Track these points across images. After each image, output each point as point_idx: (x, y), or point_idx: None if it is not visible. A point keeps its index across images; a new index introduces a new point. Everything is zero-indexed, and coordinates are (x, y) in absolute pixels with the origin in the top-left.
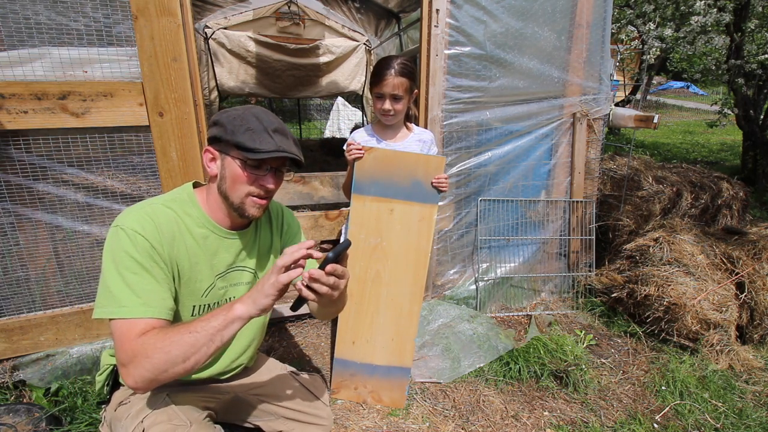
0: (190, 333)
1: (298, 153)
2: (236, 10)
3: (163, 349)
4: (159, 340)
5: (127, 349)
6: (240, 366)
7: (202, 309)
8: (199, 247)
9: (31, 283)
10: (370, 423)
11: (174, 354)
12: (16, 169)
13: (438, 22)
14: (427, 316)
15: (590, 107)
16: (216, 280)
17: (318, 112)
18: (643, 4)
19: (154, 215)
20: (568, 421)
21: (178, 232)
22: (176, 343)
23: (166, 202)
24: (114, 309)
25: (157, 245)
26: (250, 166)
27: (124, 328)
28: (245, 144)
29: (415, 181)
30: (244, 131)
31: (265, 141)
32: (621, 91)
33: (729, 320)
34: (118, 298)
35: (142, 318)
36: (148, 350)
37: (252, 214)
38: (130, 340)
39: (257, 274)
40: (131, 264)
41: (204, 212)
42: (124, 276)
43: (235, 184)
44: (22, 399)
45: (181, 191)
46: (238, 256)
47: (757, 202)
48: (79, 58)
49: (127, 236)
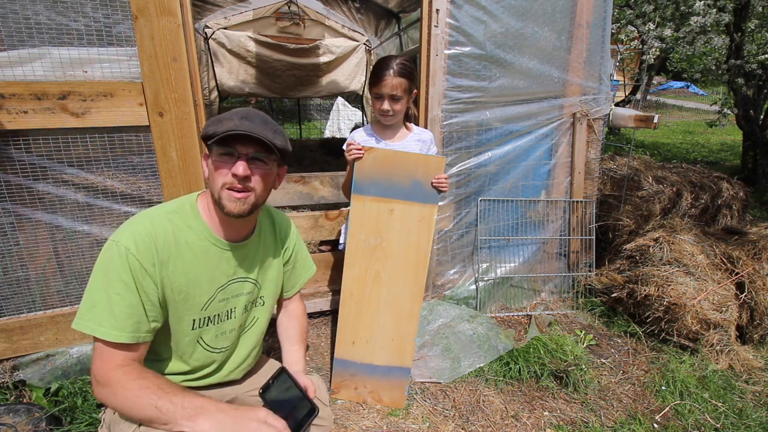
0: (155, 407)
1: (261, 133)
2: (236, 10)
3: (128, 401)
4: (131, 391)
5: (104, 372)
6: (240, 375)
7: (202, 322)
8: (199, 261)
9: (31, 283)
10: (370, 423)
11: (133, 411)
12: (16, 169)
13: (438, 22)
14: (427, 316)
15: (590, 107)
16: (217, 293)
17: (318, 112)
18: (643, 4)
19: (153, 231)
20: (568, 421)
21: (176, 249)
22: (140, 405)
23: (169, 214)
24: (92, 326)
25: (149, 266)
26: (217, 154)
27: (103, 348)
28: (206, 131)
29: (415, 181)
30: (213, 123)
31: (225, 124)
32: (621, 91)
33: (729, 320)
34: (99, 316)
35: (116, 343)
36: (118, 391)
37: (229, 209)
38: (108, 366)
39: (259, 284)
40: (117, 285)
41: (206, 224)
42: (108, 294)
43: (212, 176)
44: (22, 399)
45: (185, 201)
46: (239, 267)
47: (757, 202)
48: (79, 58)
49: (119, 254)
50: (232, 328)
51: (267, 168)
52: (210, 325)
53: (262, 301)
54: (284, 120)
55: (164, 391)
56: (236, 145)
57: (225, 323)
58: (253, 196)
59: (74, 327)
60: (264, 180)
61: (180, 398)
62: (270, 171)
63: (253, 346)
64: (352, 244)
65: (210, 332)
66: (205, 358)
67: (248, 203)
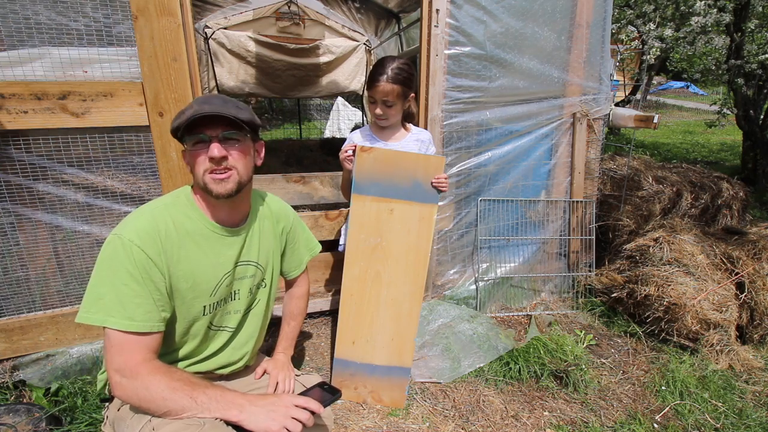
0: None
1: (225, 111)
2: (236, 10)
3: (163, 393)
4: (165, 383)
5: (131, 366)
6: (242, 360)
7: (213, 307)
8: (201, 249)
9: (31, 283)
10: (370, 423)
11: (167, 403)
12: (16, 169)
13: (438, 22)
14: (427, 316)
15: (590, 107)
16: (224, 278)
17: (318, 112)
18: (643, 4)
19: (155, 224)
20: (568, 421)
21: (178, 239)
22: (176, 397)
23: (167, 206)
24: (102, 317)
25: (155, 257)
26: (191, 144)
27: (123, 341)
28: (172, 126)
29: (415, 181)
30: (176, 117)
31: (187, 113)
32: (621, 91)
33: (729, 320)
34: (108, 307)
35: (129, 333)
36: (151, 384)
37: (217, 191)
38: (134, 360)
39: (261, 267)
40: (124, 276)
41: (202, 213)
42: (116, 286)
43: (193, 168)
44: (22, 399)
45: (180, 193)
46: (241, 251)
47: (757, 202)
48: (79, 58)
49: (124, 247)
50: (237, 309)
51: (241, 145)
52: (218, 308)
53: (264, 283)
54: (284, 120)
55: (196, 384)
56: (204, 130)
57: (229, 304)
58: (236, 174)
59: (79, 320)
60: (242, 156)
61: (212, 391)
62: (245, 147)
63: (255, 328)
64: (352, 244)
65: (217, 314)
66: (211, 339)
67: (232, 181)
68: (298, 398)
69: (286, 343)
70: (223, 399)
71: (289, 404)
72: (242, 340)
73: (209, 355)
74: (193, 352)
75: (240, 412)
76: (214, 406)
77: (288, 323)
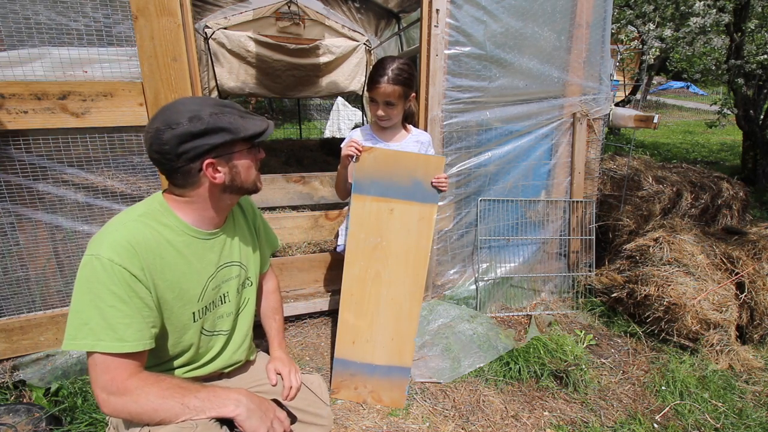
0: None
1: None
2: (236, 10)
3: (153, 404)
4: (154, 394)
5: (117, 383)
6: (241, 359)
7: (202, 312)
8: (183, 256)
9: (31, 283)
10: (370, 423)
11: (158, 413)
12: (16, 169)
13: (438, 22)
14: (427, 316)
15: (590, 107)
16: (208, 282)
17: (318, 112)
18: (643, 4)
19: (131, 238)
20: (568, 421)
21: (158, 249)
22: (167, 406)
23: (141, 217)
24: (91, 342)
25: (138, 272)
26: (247, 149)
27: (108, 361)
28: (246, 132)
29: (415, 181)
30: (236, 120)
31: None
32: (621, 91)
33: (729, 320)
34: (95, 331)
35: (121, 353)
36: (140, 397)
37: (261, 187)
38: (121, 377)
39: (244, 265)
40: (108, 297)
41: (181, 219)
42: (101, 309)
43: (248, 171)
44: (22, 399)
45: (152, 201)
46: (222, 253)
47: (757, 202)
48: (79, 58)
49: (103, 267)
50: (229, 311)
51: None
52: (208, 313)
53: (249, 281)
54: (284, 120)
55: (186, 389)
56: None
57: (220, 308)
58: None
59: (65, 348)
60: None
61: (204, 393)
62: None
63: (248, 327)
64: (352, 244)
65: (209, 319)
66: (208, 344)
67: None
68: (281, 412)
69: (279, 338)
70: (216, 398)
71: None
72: (238, 341)
73: (209, 360)
74: (192, 359)
75: (236, 406)
76: (208, 407)
77: (273, 318)
